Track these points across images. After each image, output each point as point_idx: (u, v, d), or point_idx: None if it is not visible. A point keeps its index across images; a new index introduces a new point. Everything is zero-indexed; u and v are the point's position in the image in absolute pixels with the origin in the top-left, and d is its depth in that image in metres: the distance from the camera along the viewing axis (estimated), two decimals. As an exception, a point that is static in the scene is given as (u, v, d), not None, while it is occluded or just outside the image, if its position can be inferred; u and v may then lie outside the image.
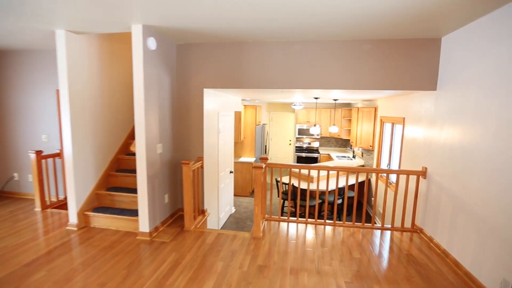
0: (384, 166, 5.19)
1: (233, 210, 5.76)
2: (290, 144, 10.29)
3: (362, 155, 6.66)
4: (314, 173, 5.31)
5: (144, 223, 3.14)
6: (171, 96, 3.56)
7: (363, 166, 6.48)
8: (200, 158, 3.73)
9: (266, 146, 7.46)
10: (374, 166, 5.62)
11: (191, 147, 3.76)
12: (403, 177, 3.75)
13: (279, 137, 10.35)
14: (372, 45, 3.22)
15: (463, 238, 2.62)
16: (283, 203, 5.41)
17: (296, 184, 5.14)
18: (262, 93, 4.52)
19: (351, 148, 7.98)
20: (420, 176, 3.43)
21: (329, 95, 5.02)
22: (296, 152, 8.57)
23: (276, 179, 5.38)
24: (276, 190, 5.31)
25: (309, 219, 3.74)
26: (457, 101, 2.81)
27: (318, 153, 8.39)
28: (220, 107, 4.43)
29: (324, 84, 3.36)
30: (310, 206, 4.92)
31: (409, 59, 3.19)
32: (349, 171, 3.54)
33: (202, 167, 3.75)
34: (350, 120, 8.11)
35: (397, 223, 3.77)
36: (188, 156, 3.78)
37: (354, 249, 3.02)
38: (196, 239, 3.19)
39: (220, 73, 3.53)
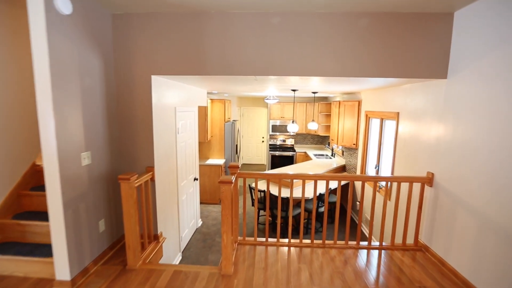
0: (371, 167, 4.62)
1: (200, 223, 4.88)
2: (263, 141, 9.55)
3: (343, 154, 6.10)
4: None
5: (62, 268, 2.17)
6: (106, 85, 2.58)
7: (344, 166, 5.91)
8: (150, 168, 2.81)
9: (237, 145, 6.63)
10: (359, 167, 5.05)
11: (137, 154, 2.81)
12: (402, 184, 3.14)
13: (251, 134, 9.57)
14: (370, 19, 2.51)
15: (492, 263, 2.03)
16: (259, 212, 4.65)
17: (273, 191, 4.39)
18: (230, 83, 3.67)
19: (329, 145, 7.43)
20: (426, 184, 2.83)
21: (309, 87, 4.30)
22: (270, 150, 7.84)
23: (249, 185, 4.59)
24: (250, 196, 4.54)
25: (293, 240, 3.00)
26: (475, 92, 2.20)
27: (294, 151, 7.74)
28: (178, 101, 3.50)
29: (309, 70, 2.60)
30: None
31: (414, 38, 2.53)
32: (341, 179, 2.84)
33: (152, 179, 2.83)
34: (328, 115, 7.54)
35: (393, 238, 3.15)
36: (134, 167, 2.83)
37: (354, 282, 2.33)
38: (142, 284, 2.29)
39: (173, 54, 2.61)
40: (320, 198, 4.33)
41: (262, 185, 4.82)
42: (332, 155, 6.84)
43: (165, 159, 3.13)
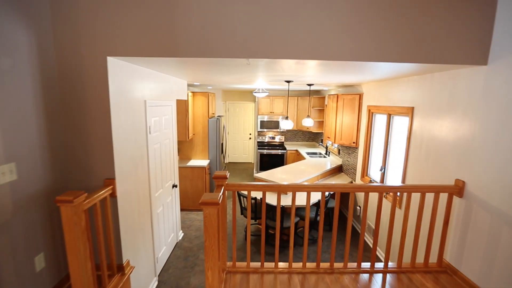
0: (374, 169, 4.13)
1: (181, 235, 4.23)
2: (250, 138, 8.94)
3: (339, 152, 5.60)
4: (288, 181, 4.03)
5: (-30, 336, 1.48)
6: (41, 70, 1.87)
7: (341, 166, 5.41)
8: (110, 181, 2.13)
9: (223, 144, 5.98)
10: (359, 168, 4.55)
11: (90, 163, 2.12)
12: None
13: (238, 131, 8.93)
14: (396, -14, 1.94)
15: None
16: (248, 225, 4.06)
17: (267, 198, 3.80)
18: (214, 71, 3.01)
19: (322, 142, 6.92)
20: (454, 194, 2.33)
21: (305, 77, 3.71)
22: (258, 148, 7.25)
23: (237, 192, 3.99)
24: (238, 202, 3.95)
25: (294, 264, 2.43)
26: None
27: (285, 149, 7.18)
28: (149, 93, 2.82)
29: (319, 51, 2.00)
30: (284, 228, 3.64)
31: (447, 14, 1.98)
32: (354, 190, 2.28)
33: (113, 195, 2.16)
34: (321, 110, 7.02)
35: (413, 258, 2.64)
36: (87, 181, 2.14)
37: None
38: None
39: (137, 30, 1.93)
40: (318, 205, 3.79)
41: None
42: (326, 153, 6.34)
43: (132, 167, 2.46)
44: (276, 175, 4.47)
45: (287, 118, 4.34)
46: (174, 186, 3.77)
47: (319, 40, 1.96)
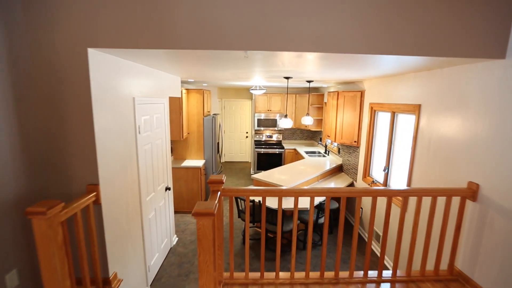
0: (377, 169, 3.97)
1: (175, 240, 4.03)
2: (247, 137, 8.75)
3: (339, 151, 5.43)
4: (287, 182, 3.85)
5: None
6: (8, 62, 1.65)
7: (341, 165, 5.25)
8: (93, 187, 1.93)
9: (218, 143, 5.78)
10: (360, 168, 4.39)
11: (71, 167, 1.91)
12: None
13: (234, 129, 8.72)
14: (409, -29, 1.75)
15: None
16: (244, 233, 3.87)
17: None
18: (209, 65, 2.81)
19: (321, 141, 6.76)
20: (467, 198, 2.17)
21: (305, 73, 3.53)
22: (255, 147, 7.05)
23: (235, 193, 3.80)
24: (236, 207, 3.76)
25: (296, 274, 2.25)
26: None
27: (282, 148, 7.00)
28: (138, 90, 2.61)
29: (318, 43, 1.80)
30: (284, 232, 3.47)
31: (463, 3, 1.81)
32: (361, 194, 2.10)
33: (97, 202, 1.96)
34: (319, 108, 6.84)
35: (423, 266, 2.47)
36: (67, 187, 1.93)
37: None
38: None
39: (122, 18, 1.72)
40: (320, 207, 3.63)
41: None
42: (325, 152, 6.17)
43: (119, 171, 2.25)
44: (274, 175, 4.29)
45: (286, 116, 4.15)
46: (167, 189, 3.57)
47: (323, 31, 1.77)
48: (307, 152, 6.35)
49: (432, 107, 2.70)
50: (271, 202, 3.60)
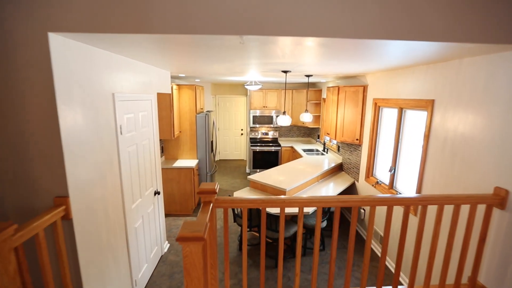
0: (381, 168, 3.72)
1: (166, 246, 3.73)
2: (242, 134, 8.45)
3: (339, 149, 5.18)
4: (286, 183, 3.59)
5: None
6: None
7: (341, 164, 5.00)
8: (61, 200, 1.62)
9: (212, 142, 5.48)
10: (363, 167, 4.14)
11: (35, 177, 1.60)
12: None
13: (229, 126, 8.42)
14: None
15: None
16: (241, 238, 3.60)
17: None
18: (198, 56, 2.49)
19: (319, 139, 6.50)
20: (494, 206, 1.92)
21: (304, 66, 3.24)
22: (251, 145, 6.76)
23: (229, 195, 3.52)
24: (231, 210, 3.48)
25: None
26: None
27: (279, 146, 6.73)
28: (119, 85, 2.29)
29: (321, 27, 1.51)
30: (285, 238, 3.20)
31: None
32: (374, 203, 1.84)
33: (67, 217, 1.65)
34: (317, 104, 6.58)
35: (443, 280, 2.22)
36: (29, 200, 1.62)
37: None
38: None
39: (92, -4, 1.40)
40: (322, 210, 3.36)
41: (246, 196, 3.76)
42: (324, 150, 5.92)
43: (96, 178, 1.95)
44: (272, 176, 4.01)
45: (284, 113, 3.86)
46: (157, 193, 3.27)
47: (325, 13, 1.48)
48: (305, 150, 6.08)
49: (448, 103, 2.44)
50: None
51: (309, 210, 3.32)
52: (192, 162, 4.82)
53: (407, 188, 3.16)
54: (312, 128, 7.22)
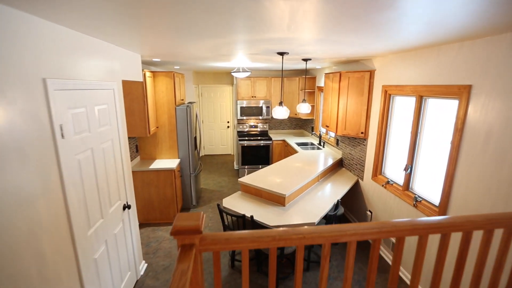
0: (391, 167, 3.23)
1: (143, 268, 3.11)
2: (228, 127, 7.82)
3: (337, 143, 4.68)
4: (284, 187, 3.03)
5: None
6: None
7: (341, 159, 4.51)
8: None
9: (196, 137, 4.82)
10: (369, 164, 3.65)
11: None
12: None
13: (214, 119, 7.75)
14: None
15: None
16: (233, 253, 3.04)
17: (252, 209, 2.79)
18: (172, 30, 1.84)
19: (313, 131, 5.98)
20: None
21: (303, 47, 2.65)
22: (239, 140, 6.15)
23: (218, 204, 2.94)
24: (221, 222, 2.90)
25: None
26: None
27: (270, 139, 6.15)
28: (56, 67, 1.61)
29: None
30: (286, 254, 2.67)
31: None
32: (427, 232, 1.31)
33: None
34: (311, 92, 6.02)
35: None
36: None
37: None
38: None
39: None
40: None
41: (238, 207, 3.19)
42: (320, 144, 5.41)
43: (9, 211, 1.29)
44: (267, 178, 3.45)
45: (281, 103, 3.26)
46: (126, 207, 2.62)
47: None
48: (298, 144, 5.55)
49: (493, 89, 1.93)
50: (264, 215, 2.78)
51: (312, 219, 2.79)
52: (172, 162, 4.17)
53: (427, 190, 2.69)
54: (305, 120, 6.69)
